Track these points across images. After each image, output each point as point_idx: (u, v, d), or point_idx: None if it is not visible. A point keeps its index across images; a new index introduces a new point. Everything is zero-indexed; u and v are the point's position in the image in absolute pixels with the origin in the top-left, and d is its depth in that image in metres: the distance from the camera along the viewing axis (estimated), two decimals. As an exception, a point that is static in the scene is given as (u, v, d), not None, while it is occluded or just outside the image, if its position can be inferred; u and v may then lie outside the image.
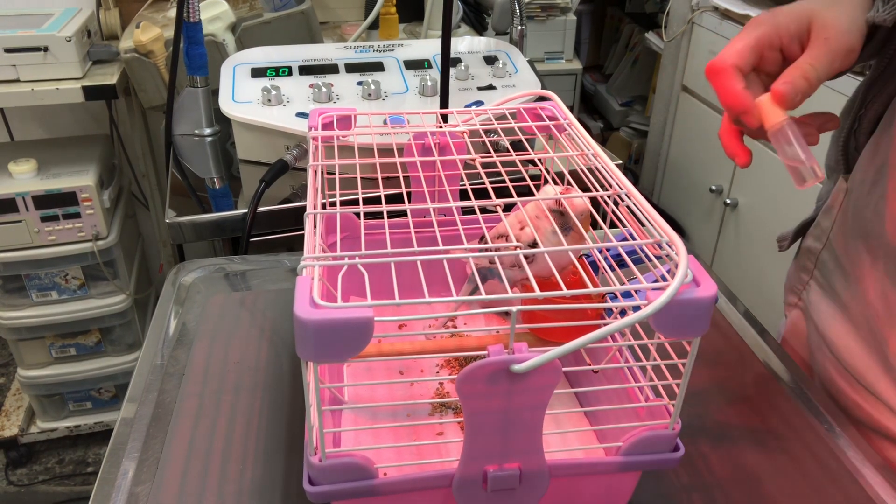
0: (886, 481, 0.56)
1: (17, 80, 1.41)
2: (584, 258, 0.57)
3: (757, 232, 1.70)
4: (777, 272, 1.61)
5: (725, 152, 0.56)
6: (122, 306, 1.61)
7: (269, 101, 1.03)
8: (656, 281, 0.43)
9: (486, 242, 0.54)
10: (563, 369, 0.42)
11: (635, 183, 2.26)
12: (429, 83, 1.07)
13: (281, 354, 0.68)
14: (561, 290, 0.41)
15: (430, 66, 1.16)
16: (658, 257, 0.45)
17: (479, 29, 1.67)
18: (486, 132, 0.63)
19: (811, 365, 0.72)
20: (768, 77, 0.53)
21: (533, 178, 0.57)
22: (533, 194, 0.53)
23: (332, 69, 1.13)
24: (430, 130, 0.63)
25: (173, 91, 1.18)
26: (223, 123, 1.17)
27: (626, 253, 0.50)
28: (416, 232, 0.51)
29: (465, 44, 1.26)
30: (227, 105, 1.03)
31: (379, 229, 0.60)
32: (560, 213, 0.52)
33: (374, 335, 0.38)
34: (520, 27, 1.34)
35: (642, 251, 0.47)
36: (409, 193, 0.62)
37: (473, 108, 1.06)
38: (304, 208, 0.79)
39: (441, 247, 0.44)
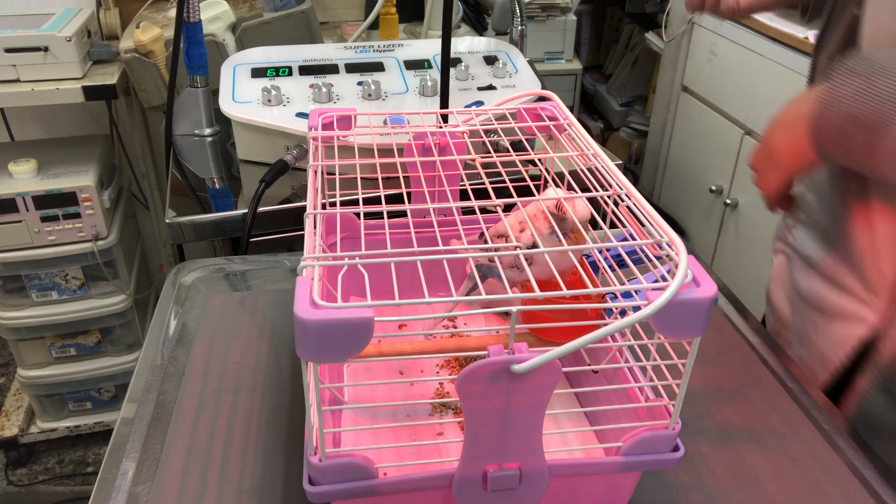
0: (886, 481, 0.56)
1: (17, 80, 1.41)
2: (584, 258, 0.57)
3: (757, 232, 1.70)
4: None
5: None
6: (122, 306, 1.61)
7: (269, 101, 1.03)
8: (656, 281, 0.43)
9: (484, 238, 0.54)
10: (563, 369, 0.42)
11: (635, 183, 2.26)
12: (429, 83, 1.07)
13: (281, 354, 0.68)
14: (561, 290, 0.41)
15: (430, 66, 1.16)
16: (658, 257, 0.45)
17: (479, 29, 1.67)
18: (486, 132, 0.63)
19: (791, 312, 0.77)
20: None
21: (533, 178, 0.57)
22: (533, 195, 0.53)
23: (332, 69, 1.13)
24: (430, 130, 0.63)
25: (173, 91, 1.18)
26: (223, 123, 1.17)
27: (626, 253, 0.50)
28: (416, 232, 0.51)
29: (465, 44, 1.26)
30: (227, 105, 1.03)
31: (379, 229, 0.60)
32: (560, 218, 0.52)
33: (374, 335, 0.38)
34: (520, 27, 1.34)
35: (642, 251, 0.47)
36: (409, 193, 0.62)
37: (473, 108, 1.06)
38: (304, 208, 0.79)
39: (441, 247, 0.44)
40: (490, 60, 1.19)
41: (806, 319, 0.72)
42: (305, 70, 1.12)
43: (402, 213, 0.55)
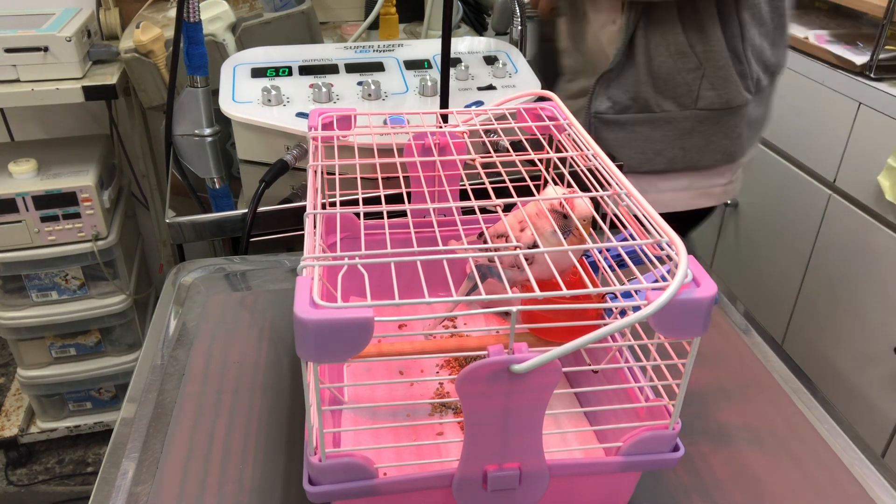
0: (886, 480, 0.56)
1: (17, 80, 1.41)
2: (584, 258, 0.57)
3: (757, 232, 1.70)
4: (777, 272, 1.61)
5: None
6: (122, 306, 1.61)
7: (269, 101, 1.03)
8: (656, 281, 0.43)
9: (484, 238, 0.54)
10: (563, 369, 0.42)
11: (635, 183, 2.25)
12: (429, 83, 1.07)
13: (281, 354, 0.68)
14: (561, 290, 0.41)
15: (430, 66, 1.16)
16: (658, 257, 0.45)
17: (479, 29, 1.67)
18: (486, 132, 0.63)
19: None
20: None
21: (533, 178, 0.57)
22: (533, 195, 0.53)
23: (332, 69, 1.13)
24: (430, 130, 0.63)
25: (173, 91, 1.18)
26: (223, 123, 1.17)
27: (626, 253, 0.50)
28: (416, 232, 0.51)
29: (465, 44, 1.26)
30: (227, 105, 1.03)
31: (379, 229, 0.60)
32: (562, 216, 0.52)
33: (374, 335, 0.38)
34: (520, 27, 1.34)
35: (642, 251, 0.47)
36: (408, 193, 0.62)
37: (473, 108, 1.06)
38: (304, 208, 0.79)
39: (441, 247, 0.44)
40: (490, 60, 1.19)
41: None
42: (305, 70, 1.12)
43: (402, 213, 0.55)
